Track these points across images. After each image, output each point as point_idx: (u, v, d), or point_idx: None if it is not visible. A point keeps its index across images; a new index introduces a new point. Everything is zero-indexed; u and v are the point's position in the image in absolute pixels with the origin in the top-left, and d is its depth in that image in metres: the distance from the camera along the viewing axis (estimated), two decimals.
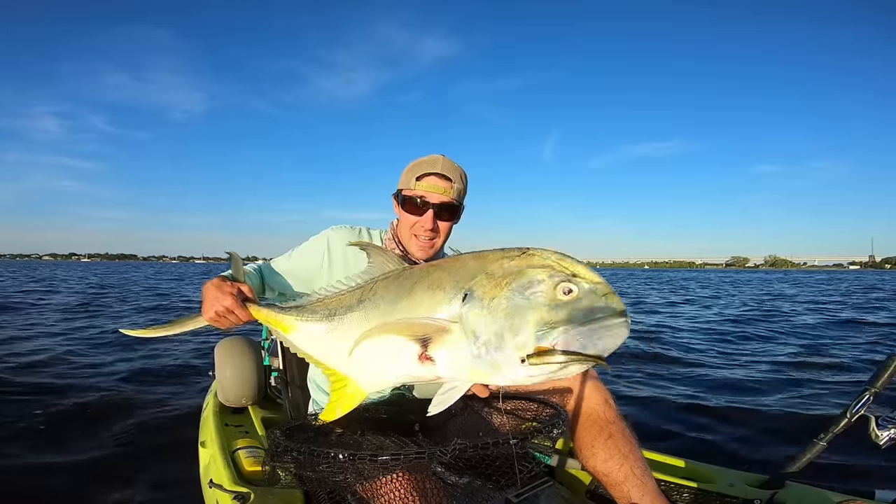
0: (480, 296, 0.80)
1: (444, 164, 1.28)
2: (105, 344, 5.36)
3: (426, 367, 0.87)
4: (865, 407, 1.29)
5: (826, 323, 8.12)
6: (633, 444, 1.27)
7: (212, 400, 1.95)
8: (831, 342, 5.98)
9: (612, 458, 1.23)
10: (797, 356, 5.03)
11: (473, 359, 0.80)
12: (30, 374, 3.86)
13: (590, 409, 1.28)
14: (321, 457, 0.94)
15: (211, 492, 1.28)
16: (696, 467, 1.57)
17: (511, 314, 0.76)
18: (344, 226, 1.43)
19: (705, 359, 4.92)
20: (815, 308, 11.12)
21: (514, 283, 0.78)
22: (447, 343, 0.83)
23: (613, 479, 1.23)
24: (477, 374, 0.82)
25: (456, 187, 1.29)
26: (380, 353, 0.93)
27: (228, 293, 1.14)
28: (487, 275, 0.82)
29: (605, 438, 1.25)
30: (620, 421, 1.29)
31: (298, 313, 1.09)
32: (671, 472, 1.54)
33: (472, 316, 0.80)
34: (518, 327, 0.75)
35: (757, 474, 1.50)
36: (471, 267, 0.86)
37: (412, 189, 1.28)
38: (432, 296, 0.87)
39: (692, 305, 11.55)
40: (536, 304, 0.75)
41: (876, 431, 1.23)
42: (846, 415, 1.32)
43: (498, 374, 0.79)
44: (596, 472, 1.26)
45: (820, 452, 1.37)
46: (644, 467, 1.24)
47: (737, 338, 6.34)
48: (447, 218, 1.32)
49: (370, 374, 0.98)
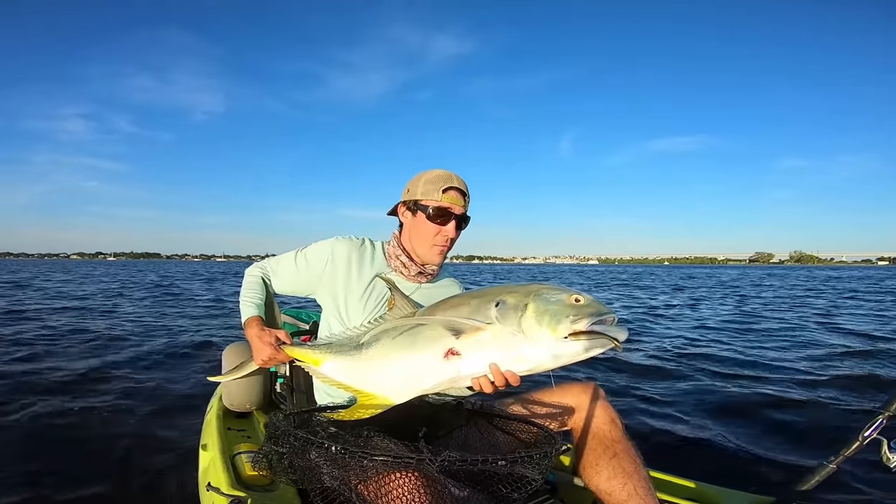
0: (514, 303, 0.98)
1: (458, 180, 1.39)
2: (110, 345, 5.41)
3: (451, 362, 1.01)
4: (878, 430, 1.27)
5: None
6: (638, 463, 1.25)
7: (216, 403, 1.96)
8: (859, 353, 5.83)
9: (615, 477, 1.22)
10: (815, 368, 4.94)
11: (509, 350, 0.97)
12: (33, 375, 3.90)
13: (596, 427, 1.28)
14: (313, 445, 0.99)
15: (208, 495, 1.28)
16: (702, 488, 1.54)
17: (544, 312, 0.95)
18: (348, 237, 1.49)
19: (711, 372, 4.85)
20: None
21: (540, 294, 0.98)
22: (478, 339, 0.99)
23: (616, 499, 1.21)
24: (511, 362, 0.97)
25: (467, 201, 1.41)
26: (407, 357, 1.07)
27: (268, 344, 1.34)
28: (512, 292, 1.01)
29: (610, 457, 1.24)
30: (626, 440, 1.28)
31: (328, 349, 1.24)
32: (676, 492, 1.51)
33: (509, 315, 0.97)
34: (555, 316, 0.93)
35: (764, 497, 1.47)
36: (494, 289, 1.05)
37: (437, 201, 1.36)
38: (456, 311, 1.04)
39: (698, 307, 11.29)
40: (561, 304, 0.96)
41: (888, 455, 1.21)
42: (858, 437, 1.30)
43: (537, 356, 0.95)
44: (599, 490, 1.25)
45: (829, 474, 1.35)
46: (647, 487, 1.22)
47: (746, 346, 6.25)
48: (461, 228, 1.43)
49: (398, 382, 1.09)
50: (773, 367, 5.09)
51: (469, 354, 1.00)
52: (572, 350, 0.93)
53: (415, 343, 1.07)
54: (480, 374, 1.01)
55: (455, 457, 0.92)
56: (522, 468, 0.96)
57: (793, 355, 5.84)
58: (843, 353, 5.83)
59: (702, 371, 4.99)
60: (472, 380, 1.02)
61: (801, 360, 5.54)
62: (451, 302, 1.10)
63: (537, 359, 0.96)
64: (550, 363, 0.96)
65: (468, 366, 1.01)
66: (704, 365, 5.29)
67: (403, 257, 1.43)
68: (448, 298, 1.13)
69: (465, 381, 1.03)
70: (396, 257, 1.44)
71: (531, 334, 0.95)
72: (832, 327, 7.94)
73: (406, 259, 1.43)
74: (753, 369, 5.06)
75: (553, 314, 0.94)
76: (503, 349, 0.97)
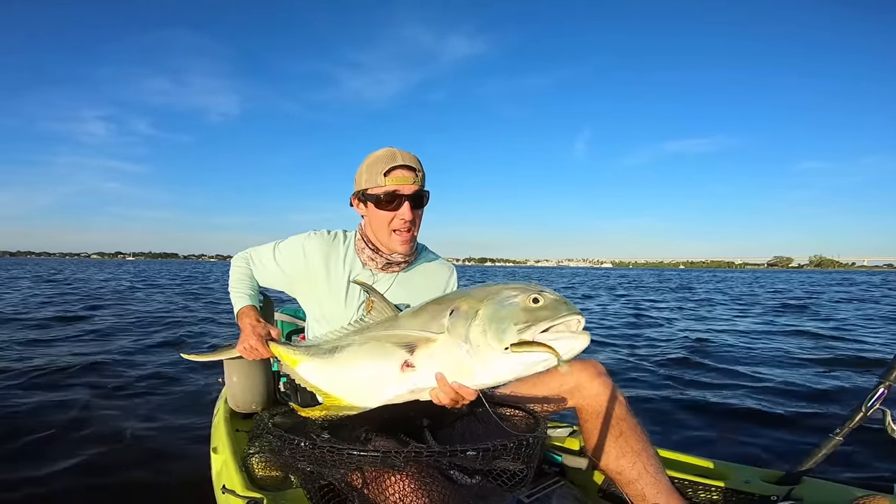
0: (465, 309, 0.93)
1: (403, 155, 1.28)
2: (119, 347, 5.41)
3: (406, 374, 0.98)
4: (881, 400, 1.27)
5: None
6: (645, 440, 1.26)
7: (222, 406, 1.96)
8: (859, 334, 5.87)
9: (624, 456, 1.22)
10: (817, 350, 4.97)
11: (456, 362, 0.92)
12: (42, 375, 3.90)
13: (600, 406, 1.27)
14: (287, 443, 1.02)
15: (224, 497, 1.29)
16: (711, 464, 1.55)
17: (493, 318, 0.88)
18: (321, 231, 1.45)
19: (719, 356, 4.87)
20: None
21: (493, 298, 0.92)
22: (430, 351, 0.96)
23: (626, 477, 1.22)
24: (460, 374, 0.92)
25: (420, 175, 1.30)
26: (366, 367, 1.06)
27: (258, 334, 1.33)
28: (468, 296, 0.97)
29: (617, 436, 1.24)
30: (631, 418, 1.28)
31: (306, 351, 1.23)
32: (685, 469, 1.52)
33: (458, 324, 0.92)
34: (501, 324, 0.87)
35: (772, 470, 1.48)
36: (453, 295, 1.03)
37: (382, 185, 1.27)
38: (415, 317, 1.03)
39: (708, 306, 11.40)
40: (514, 308, 0.88)
41: (892, 425, 1.22)
42: (861, 409, 1.31)
43: (482, 370, 0.89)
44: (608, 470, 1.25)
45: (836, 447, 1.35)
46: (657, 464, 1.23)
47: (753, 331, 6.29)
48: (419, 206, 1.33)
49: (361, 389, 1.08)
50: (776, 350, 5.12)
51: (422, 367, 0.97)
52: (510, 365, 0.86)
53: (375, 353, 1.05)
54: (434, 387, 0.96)
55: (426, 451, 0.94)
56: (503, 462, 0.97)
57: (795, 343, 5.87)
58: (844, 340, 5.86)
59: (704, 352, 5.02)
60: (429, 392, 0.98)
61: (801, 345, 5.57)
62: (416, 308, 1.08)
63: (479, 372, 0.89)
64: (506, 374, 0.89)
65: (422, 379, 0.97)
66: (707, 347, 5.32)
67: (368, 251, 1.37)
68: (421, 303, 1.10)
69: (424, 393, 0.99)
70: (362, 251, 1.39)
71: (475, 345, 0.88)
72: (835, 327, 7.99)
73: (371, 252, 1.37)
74: (759, 350, 5.09)
75: (500, 321, 0.86)
76: (451, 362, 0.92)
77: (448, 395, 0.94)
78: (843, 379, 3.90)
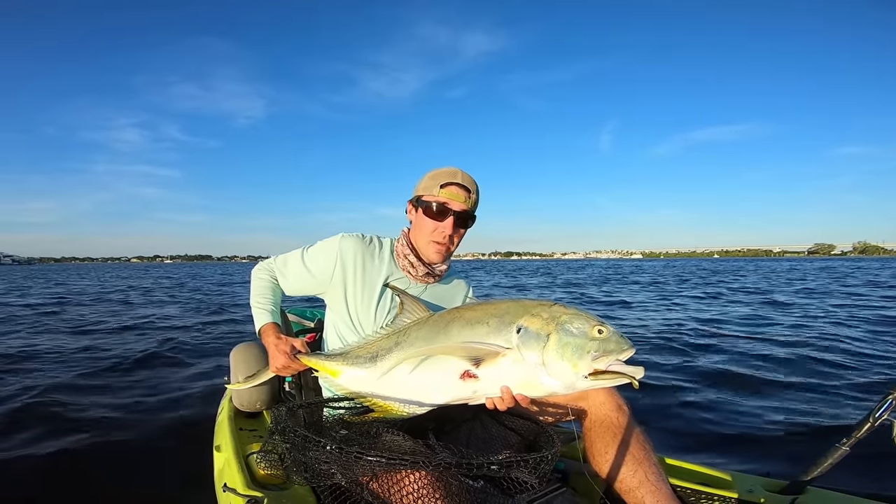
0: (535, 330, 1.01)
1: (463, 176, 1.36)
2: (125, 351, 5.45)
3: (468, 383, 1.05)
4: (889, 411, 1.26)
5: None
6: (648, 449, 1.25)
7: (226, 405, 1.97)
8: (866, 342, 5.79)
9: (625, 464, 1.22)
10: (825, 356, 4.91)
11: (527, 377, 1.01)
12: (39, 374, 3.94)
13: (603, 414, 1.27)
14: (311, 443, 1.01)
15: (225, 495, 1.29)
16: (714, 472, 1.53)
17: (567, 345, 0.98)
18: (356, 234, 1.47)
19: (724, 360, 4.83)
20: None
21: (561, 324, 1.01)
22: (498, 364, 1.03)
23: (627, 485, 1.21)
24: (527, 388, 1.02)
25: (473, 198, 1.37)
26: (425, 375, 1.11)
27: (283, 352, 1.34)
28: (533, 315, 1.04)
29: (619, 444, 1.23)
30: (634, 426, 1.27)
31: (343, 359, 1.25)
32: (688, 477, 1.51)
33: (531, 345, 1.00)
34: (577, 352, 0.98)
35: (777, 480, 1.46)
36: (513, 308, 1.07)
37: (435, 196, 1.34)
38: (472, 329, 1.08)
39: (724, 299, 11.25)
40: (583, 338, 0.99)
41: None
42: (869, 419, 1.29)
43: (554, 386, 1.00)
44: (609, 477, 1.25)
45: (842, 457, 1.34)
46: (658, 472, 1.22)
47: (763, 335, 6.22)
48: (463, 226, 1.40)
49: (413, 397, 1.12)
50: (786, 353, 5.07)
51: (487, 378, 1.04)
52: (589, 386, 0.98)
53: (434, 362, 1.09)
54: (496, 395, 1.05)
55: (451, 460, 0.94)
56: (518, 472, 0.98)
57: (803, 340, 5.81)
58: (855, 339, 5.79)
59: (711, 356, 4.98)
60: (486, 398, 1.06)
61: (811, 346, 5.51)
62: (467, 316, 1.11)
63: (553, 389, 1.00)
64: (564, 393, 1.01)
65: (484, 388, 1.05)
66: (712, 350, 5.28)
67: (412, 257, 1.42)
68: (464, 309, 1.14)
69: (480, 399, 1.07)
70: (405, 256, 1.43)
71: (551, 367, 0.99)
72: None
73: (414, 259, 1.41)
74: (764, 354, 5.04)
75: (575, 349, 0.98)
76: (521, 377, 1.01)
77: (509, 403, 1.03)
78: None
